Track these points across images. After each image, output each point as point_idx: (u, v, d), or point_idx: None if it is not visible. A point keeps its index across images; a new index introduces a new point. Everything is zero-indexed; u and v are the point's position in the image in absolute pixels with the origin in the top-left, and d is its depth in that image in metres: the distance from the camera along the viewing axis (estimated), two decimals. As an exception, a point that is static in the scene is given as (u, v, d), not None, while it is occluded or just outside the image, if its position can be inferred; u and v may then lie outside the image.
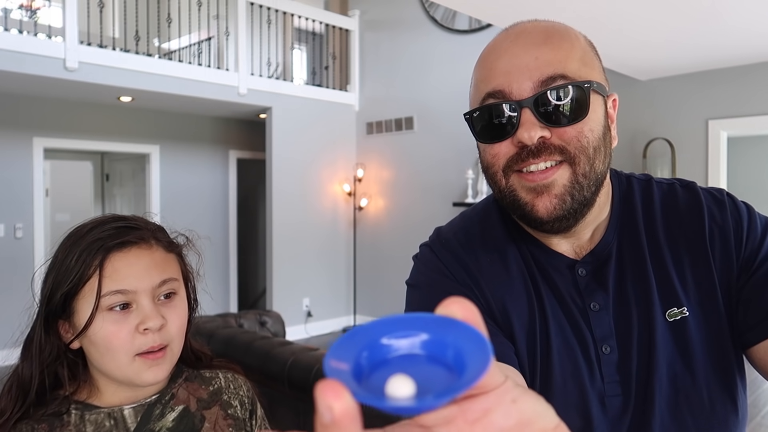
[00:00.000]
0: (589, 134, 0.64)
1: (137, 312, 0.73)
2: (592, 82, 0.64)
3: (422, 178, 5.94)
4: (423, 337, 0.23)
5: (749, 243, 0.68)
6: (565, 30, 0.68)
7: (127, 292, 0.72)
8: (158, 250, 0.78)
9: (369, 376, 0.23)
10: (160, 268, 0.76)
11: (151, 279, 0.74)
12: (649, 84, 4.37)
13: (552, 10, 2.77)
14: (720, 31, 3.11)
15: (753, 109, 3.92)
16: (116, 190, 6.77)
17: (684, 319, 0.68)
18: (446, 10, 5.68)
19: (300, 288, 6.15)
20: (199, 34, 5.89)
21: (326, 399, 0.20)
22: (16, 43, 4.19)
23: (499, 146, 0.67)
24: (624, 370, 0.69)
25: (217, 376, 0.87)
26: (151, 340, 0.73)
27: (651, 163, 4.33)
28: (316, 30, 6.70)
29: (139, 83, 4.85)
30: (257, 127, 6.71)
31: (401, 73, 6.17)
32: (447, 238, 0.77)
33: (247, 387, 0.88)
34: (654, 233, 0.71)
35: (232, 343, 2.97)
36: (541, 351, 0.70)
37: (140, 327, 0.72)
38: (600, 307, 0.70)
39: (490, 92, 0.66)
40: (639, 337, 0.68)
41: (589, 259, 0.72)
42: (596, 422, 0.68)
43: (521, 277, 0.72)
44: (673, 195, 0.74)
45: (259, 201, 7.36)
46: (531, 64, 0.64)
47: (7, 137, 5.18)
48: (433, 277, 0.74)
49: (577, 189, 0.65)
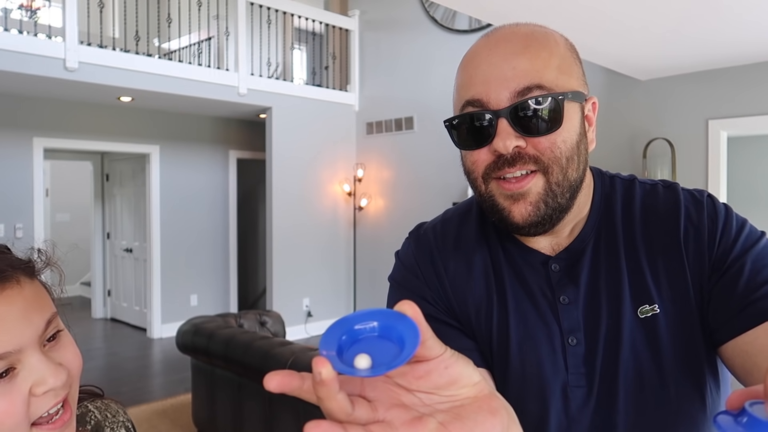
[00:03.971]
0: (562, 145, 0.67)
1: (26, 372, 0.55)
2: (567, 93, 0.66)
3: (422, 178, 5.94)
4: (379, 323, 0.35)
5: (722, 243, 0.69)
6: (544, 37, 0.69)
7: (9, 355, 0.54)
8: (24, 282, 0.58)
9: (346, 352, 0.34)
10: (38, 307, 0.58)
11: (33, 326, 0.56)
12: (649, 84, 4.37)
13: (552, 10, 2.77)
14: (720, 31, 3.11)
15: (753, 109, 3.92)
16: (116, 190, 6.77)
17: (655, 316, 0.70)
18: (446, 10, 5.68)
19: (300, 288, 6.15)
20: (199, 34, 5.89)
21: (317, 367, 0.31)
22: (16, 43, 4.19)
23: (478, 154, 0.69)
24: (589, 363, 0.71)
25: (88, 410, 0.73)
26: (53, 396, 0.57)
27: (651, 163, 4.33)
28: (316, 30, 6.70)
29: (139, 83, 4.86)
30: (257, 127, 6.71)
31: (401, 73, 6.18)
32: (425, 237, 0.83)
33: (123, 411, 0.76)
34: (631, 232, 0.74)
35: (232, 343, 2.97)
36: (499, 343, 0.74)
37: (37, 390, 0.55)
38: (569, 300, 0.72)
39: (469, 100, 0.68)
40: (607, 332, 0.71)
41: (563, 255, 0.74)
42: (553, 411, 0.71)
43: (484, 277, 0.77)
44: (654, 195, 0.75)
45: (259, 201, 7.36)
46: (508, 74, 0.66)
47: (7, 137, 5.18)
48: (408, 277, 0.81)
49: (551, 197, 0.68)
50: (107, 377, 4.81)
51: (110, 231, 6.89)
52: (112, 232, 6.86)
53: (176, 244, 6.25)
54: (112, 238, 6.86)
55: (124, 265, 6.66)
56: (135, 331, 6.40)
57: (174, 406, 4.07)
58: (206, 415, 3.32)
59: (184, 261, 6.30)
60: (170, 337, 5.90)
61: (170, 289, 6.22)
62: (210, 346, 3.09)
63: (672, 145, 4.19)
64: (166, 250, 6.17)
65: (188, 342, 3.26)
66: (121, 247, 6.68)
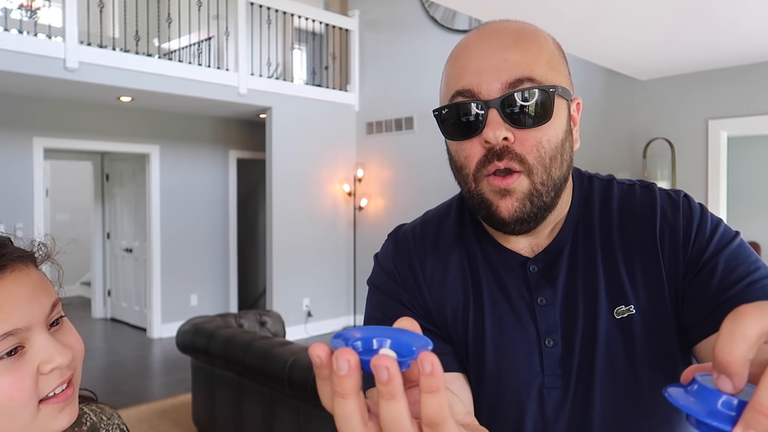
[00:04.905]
0: (546, 144, 0.67)
1: (34, 351, 0.59)
2: (557, 87, 0.67)
3: (422, 178, 5.94)
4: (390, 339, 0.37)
5: (696, 242, 0.69)
6: (534, 33, 0.70)
7: (19, 331, 0.58)
8: (31, 268, 0.64)
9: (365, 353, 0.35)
10: (44, 290, 0.63)
11: (41, 306, 0.61)
12: (649, 84, 4.37)
13: (551, 10, 2.77)
14: (720, 31, 3.11)
15: (753, 109, 3.92)
16: (116, 190, 6.78)
17: (630, 316, 0.70)
18: (446, 10, 5.68)
19: (300, 288, 6.15)
20: (199, 34, 5.89)
21: (345, 355, 0.31)
22: (16, 43, 4.19)
23: (469, 147, 0.69)
24: (566, 364, 0.71)
25: (84, 412, 0.75)
26: (59, 375, 0.61)
27: (651, 163, 4.33)
28: (316, 30, 6.70)
29: (139, 83, 4.86)
30: (257, 127, 6.71)
31: (401, 73, 6.18)
32: (404, 238, 0.82)
33: (117, 415, 0.78)
34: (608, 232, 0.74)
35: (232, 343, 2.97)
36: (474, 346, 0.74)
37: (44, 368, 0.59)
38: (547, 302, 0.72)
39: (459, 90, 0.68)
40: (583, 333, 0.71)
41: (541, 257, 0.74)
42: (529, 413, 0.71)
43: (460, 279, 0.77)
44: (631, 195, 0.76)
45: (259, 201, 7.36)
46: (500, 66, 0.66)
47: (7, 137, 5.18)
48: (386, 280, 0.80)
49: (536, 196, 0.68)
50: (107, 377, 4.81)
51: (110, 231, 6.89)
52: (112, 232, 6.86)
53: (176, 244, 6.25)
54: (112, 238, 6.86)
55: (124, 265, 6.66)
56: (135, 331, 6.40)
57: (174, 406, 4.07)
58: (206, 415, 3.32)
59: (184, 261, 6.30)
60: (170, 337, 5.90)
61: (170, 289, 6.22)
62: (210, 346, 3.09)
63: (672, 145, 4.19)
64: (166, 250, 6.17)
65: (188, 342, 3.26)
66: (121, 247, 6.68)
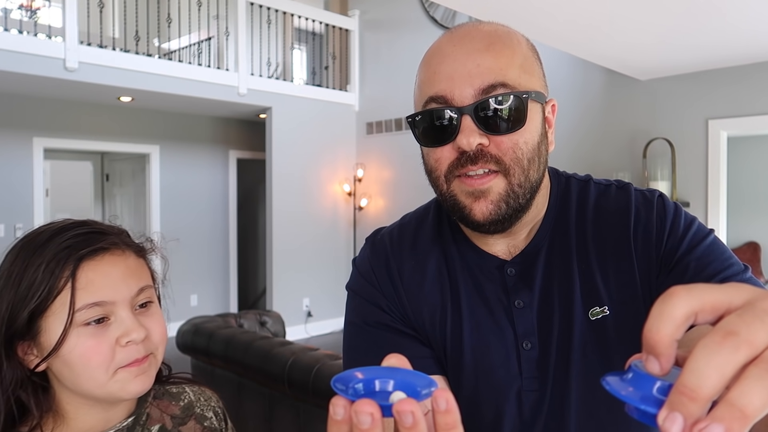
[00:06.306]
0: (524, 146, 0.66)
1: (116, 324, 0.67)
2: (530, 92, 0.66)
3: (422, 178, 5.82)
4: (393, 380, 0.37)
5: (669, 241, 0.69)
6: (507, 35, 0.69)
7: (105, 303, 0.66)
8: (131, 255, 0.72)
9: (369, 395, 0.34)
10: (136, 276, 0.71)
11: (128, 288, 0.69)
12: (649, 84, 4.37)
13: (551, 10, 2.77)
14: (720, 31, 3.11)
15: (753, 109, 3.92)
16: (116, 190, 6.77)
17: (605, 317, 0.69)
18: (446, 10, 5.68)
19: (300, 288, 6.15)
20: (199, 34, 5.89)
21: (366, 408, 0.32)
22: (16, 43, 4.19)
23: (441, 151, 0.69)
24: (542, 367, 0.70)
25: (185, 391, 0.82)
26: (135, 351, 0.68)
27: (651, 163, 4.33)
28: (316, 30, 6.70)
29: (139, 83, 4.86)
30: (257, 127, 6.71)
31: (401, 73, 6.17)
32: (381, 242, 0.82)
33: (216, 398, 0.85)
34: (583, 233, 0.73)
35: (232, 343, 2.97)
36: (452, 349, 0.73)
37: (122, 340, 0.66)
38: (524, 304, 0.72)
39: (432, 96, 0.67)
40: (559, 335, 0.70)
41: (518, 259, 0.74)
42: (507, 416, 0.71)
43: (438, 283, 0.76)
44: (607, 196, 0.75)
45: (259, 201, 7.36)
46: (473, 71, 0.65)
47: (7, 137, 5.18)
48: (363, 285, 0.79)
49: (512, 197, 0.67)
50: (107, 377, 4.80)
51: (110, 231, 6.89)
52: (112, 232, 6.86)
53: (176, 244, 6.25)
54: (112, 238, 6.86)
55: (124, 265, 6.66)
56: (135, 331, 6.40)
57: (174, 406, 4.07)
58: (206, 415, 3.32)
59: (184, 261, 6.30)
60: (170, 337, 5.89)
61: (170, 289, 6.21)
62: (210, 346, 3.09)
63: (672, 145, 4.19)
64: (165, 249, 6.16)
65: (188, 342, 3.26)
66: (121, 247, 6.68)
